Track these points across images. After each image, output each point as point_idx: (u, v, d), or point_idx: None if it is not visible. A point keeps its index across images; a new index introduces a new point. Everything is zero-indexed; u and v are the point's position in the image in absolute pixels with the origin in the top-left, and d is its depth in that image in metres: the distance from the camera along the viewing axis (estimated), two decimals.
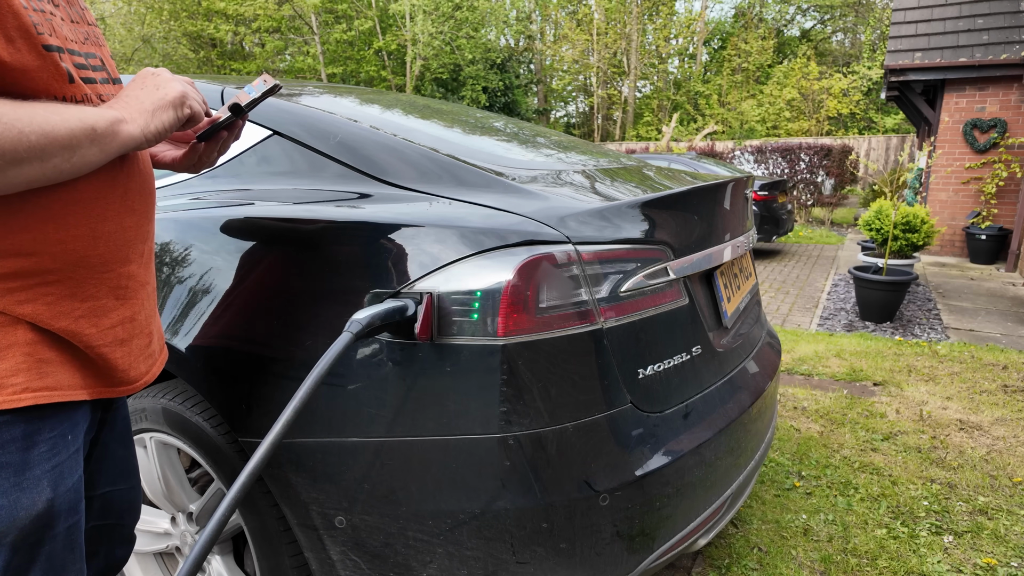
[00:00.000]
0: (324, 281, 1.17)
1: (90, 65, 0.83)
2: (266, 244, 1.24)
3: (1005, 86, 7.26)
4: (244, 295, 1.24)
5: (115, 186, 0.84)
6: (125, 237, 0.87)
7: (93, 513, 1.02)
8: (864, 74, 17.69)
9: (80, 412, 0.86)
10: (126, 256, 0.87)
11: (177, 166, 1.04)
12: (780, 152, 11.12)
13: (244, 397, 1.23)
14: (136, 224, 0.89)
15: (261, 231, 1.25)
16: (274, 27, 20.99)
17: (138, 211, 0.89)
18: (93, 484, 1.01)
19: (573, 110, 29.84)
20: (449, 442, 1.10)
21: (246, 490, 0.96)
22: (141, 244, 0.91)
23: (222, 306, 1.26)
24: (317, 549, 1.23)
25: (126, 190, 0.86)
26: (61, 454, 0.82)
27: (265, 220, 1.25)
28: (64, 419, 0.82)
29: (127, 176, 0.87)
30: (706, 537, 1.40)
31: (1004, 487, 2.35)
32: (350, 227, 1.16)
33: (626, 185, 1.44)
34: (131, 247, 0.88)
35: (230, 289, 1.25)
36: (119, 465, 1.06)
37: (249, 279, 1.24)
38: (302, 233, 1.20)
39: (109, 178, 0.83)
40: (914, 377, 3.52)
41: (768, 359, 1.78)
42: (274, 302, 1.21)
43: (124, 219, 0.86)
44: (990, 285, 6.06)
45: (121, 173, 0.85)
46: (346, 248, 1.16)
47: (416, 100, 2.05)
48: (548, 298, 1.10)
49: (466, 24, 21.59)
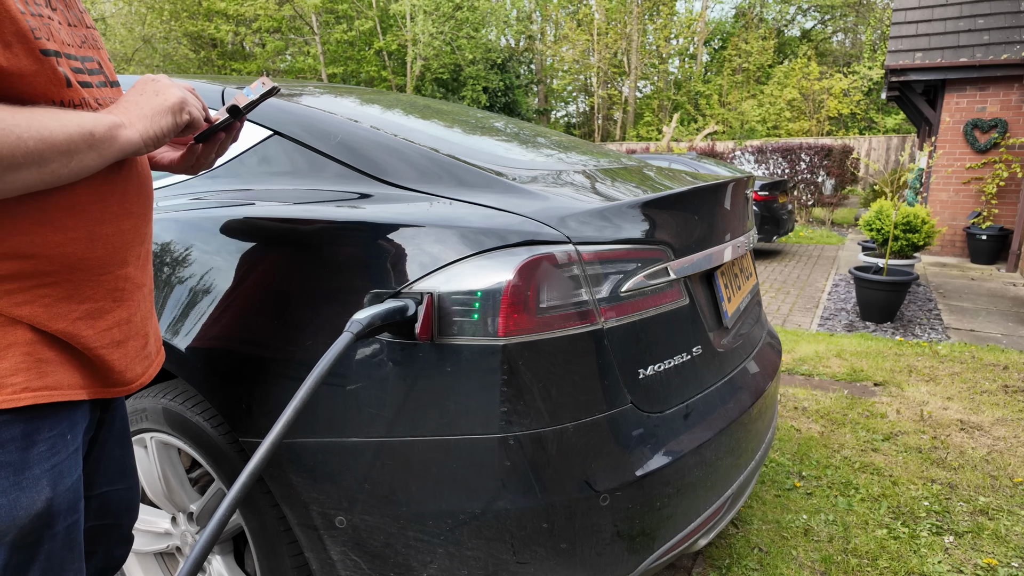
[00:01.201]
0: (324, 281, 1.17)
1: (87, 69, 0.83)
2: (267, 244, 1.24)
3: (1006, 86, 7.26)
4: (245, 295, 1.24)
5: (113, 189, 0.84)
6: (123, 240, 0.87)
7: (91, 513, 1.02)
8: (865, 74, 17.67)
9: (79, 412, 0.86)
10: (124, 258, 0.87)
11: (174, 167, 1.04)
12: (781, 152, 11.12)
13: (244, 397, 1.23)
14: (134, 227, 0.89)
15: (262, 231, 1.25)
16: (275, 27, 20.99)
17: (136, 213, 0.89)
18: (91, 484, 1.01)
19: (573, 110, 29.84)
20: (450, 442, 1.10)
21: (247, 490, 0.96)
22: (138, 246, 0.91)
23: (223, 306, 1.26)
24: (317, 549, 1.23)
25: (124, 193, 0.86)
26: (60, 453, 0.82)
27: (266, 220, 1.25)
28: (63, 419, 0.82)
29: (125, 179, 0.87)
30: (707, 537, 1.40)
31: (1005, 487, 2.35)
32: (351, 227, 1.16)
33: (626, 185, 1.44)
34: (129, 249, 0.88)
35: (231, 289, 1.25)
36: (117, 465, 1.06)
37: (250, 279, 1.24)
38: (303, 233, 1.20)
39: (107, 181, 0.83)
40: (915, 377, 3.52)
41: (769, 359, 1.78)
42: (274, 302, 1.21)
43: (122, 222, 0.86)
44: (991, 285, 6.06)
45: (119, 176, 0.85)
46: (346, 248, 1.16)
47: (416, 100, 2.05)
48: (548, 298, 1.10)
49: (467, 24, 21.58)
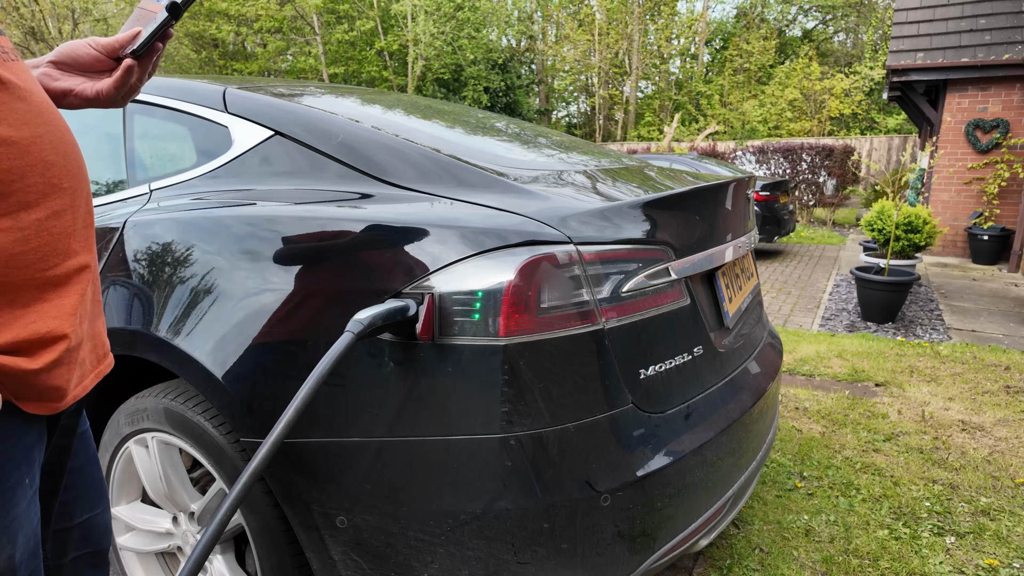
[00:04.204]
0: (325, 281, 1.17)
1: None
2: (268, 244, 1.24)
3: (1007, 86, 7.25)
4: (246, 295, 1.24)
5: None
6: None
7: (73, 544, 0.95)
8: (866, 74, 17.65)
9: (36, 449, 0.77)
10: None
11: (104, 99, 0.90)
12: (782, 152, 11.11)
13: (246, 397, 1.23)
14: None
15: (263, 231, 1.25)
16: (276, 27, 21.00)
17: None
18: (71, 515, 0.94)
19: (575, 110, 29.83)
20: (450, 442, 1.10)
21: (248, 490, 0.97)
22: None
23: (223, 306, 1.26)
24: (318, 549, 1.24)
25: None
26: (20, 504, 0.74)
27: (267, 220, 1.25)
28: (22, 461, 0.74)
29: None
30: (708, 538, 1.40)
31: (1006, 488, 2.34)
32: (351, 227, 1.16)
33: (628, 185, 1.44)
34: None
35: (231, 289, 1.25)
36: (95, 489, 0.99)
37: (251, 279, 1.24)
38: (304, 233, 1.20)
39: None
40: (916, 378, 3.52)
41: (770, 360, 1.78)
42: (275, 302, 1.21)
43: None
44: (992, 286, 6.05)
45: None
46: (347, 248, 1.16)
47: (418, 100, 2.05)
48: (549, 298, 1.10)
49: (468, 24, 21.58)
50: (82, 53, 0.89)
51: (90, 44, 0.90)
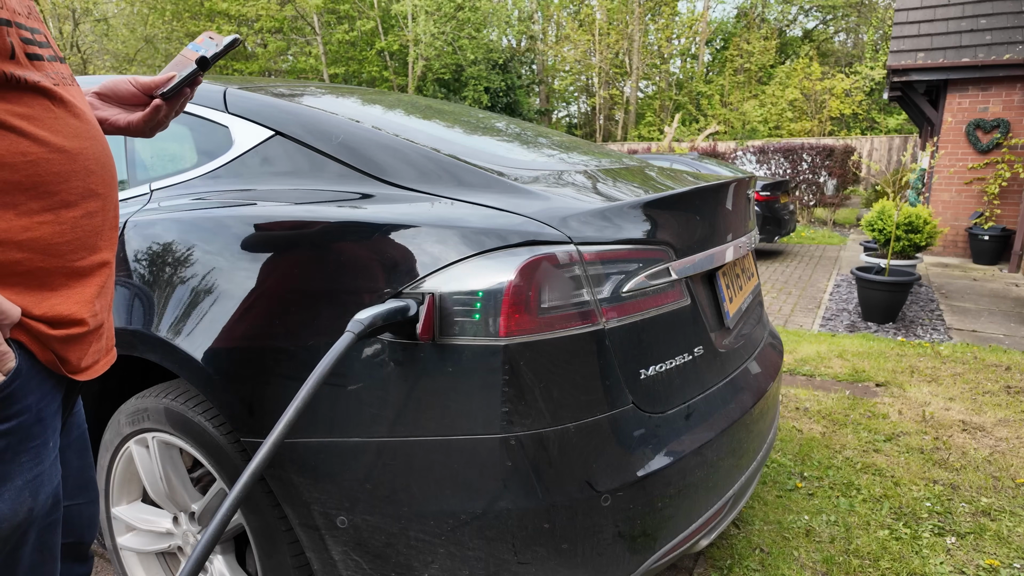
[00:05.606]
0: (326, 281, 1.17)
1: (36, 41, 0.79)
2: (268, 244, 1.24)
3: (1008, 86, 7.25)
4: (246, 295, 1.24)
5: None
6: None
7: None
8: (867, 74, 17.65)
9: (54, 408, 0.84)
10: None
11: (133, 129, 1.03)
12: (782, 152, 11.11)
13: (246, 397, 1.23)
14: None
15: (263, 231, 1.25)
16: (276, 28, 21.01)
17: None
18: None
19: (575, 110, 29.83)
20: (451, 442, 1.10)
21: (248, 490, 0.96)
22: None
23: (224, 306, 1.26)
24: (319, 549, 1.24)
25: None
26: (44, 462, 0.81)
27: (267, 220, 1.25)
28: (49, 423, 0.82)
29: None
30: (708, 538, 1.40)
31: (1007, 488, 2.34)
32: (352, 227, 1.16)
33: (628, 185, 1.44)
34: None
35: (232, 289, 1.25)
36: (76, 477, 1.03)
37: (251, 279, 1.24)
38: (304, 233, 1.20)
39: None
40: (916, 378, 3.51)
41: (770, 360, 1.78)
42: (276, 302, 1.21)
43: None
44: (993, 286, 6.05)
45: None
46: (348, 248, 1.16)
47: (418, 100, 2.05)
48: (550, 298, 1.10)
49: (468, 24, 21.58)
50: (123, 89, 1.05)
51: (131, 81, 1.05)
